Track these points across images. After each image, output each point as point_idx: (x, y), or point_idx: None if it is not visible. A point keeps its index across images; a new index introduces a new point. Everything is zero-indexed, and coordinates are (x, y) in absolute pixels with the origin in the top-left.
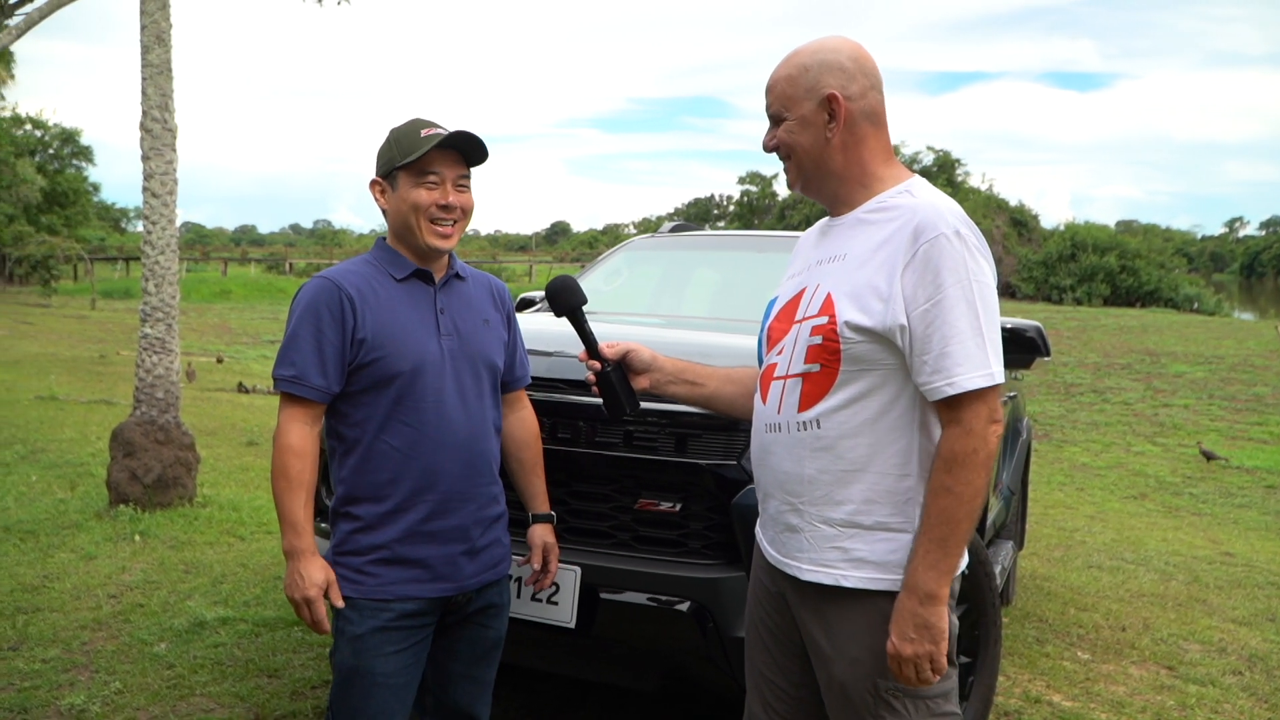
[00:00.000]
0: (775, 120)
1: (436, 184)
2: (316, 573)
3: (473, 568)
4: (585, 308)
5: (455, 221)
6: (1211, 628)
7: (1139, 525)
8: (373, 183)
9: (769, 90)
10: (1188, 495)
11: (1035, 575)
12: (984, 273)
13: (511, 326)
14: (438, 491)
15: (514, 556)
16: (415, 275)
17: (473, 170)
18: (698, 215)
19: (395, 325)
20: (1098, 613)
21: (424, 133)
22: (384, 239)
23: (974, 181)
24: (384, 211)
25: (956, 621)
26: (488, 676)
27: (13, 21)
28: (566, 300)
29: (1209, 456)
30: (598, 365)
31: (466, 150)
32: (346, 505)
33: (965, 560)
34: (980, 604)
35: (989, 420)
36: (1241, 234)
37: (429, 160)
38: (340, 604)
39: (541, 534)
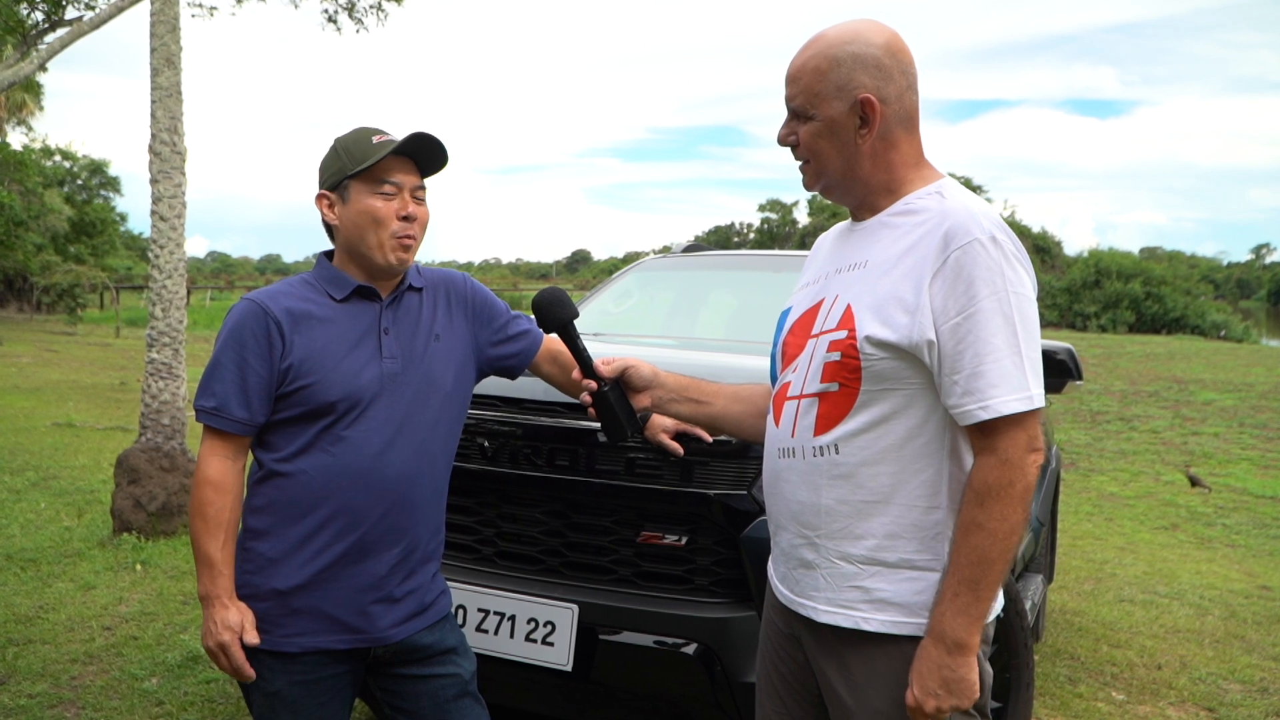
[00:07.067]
0: (797, 115)
1: (393, 194)
2: (232, 615)
3: (391, 618)
4: (594, 329)
5: (413, 236)
6: (1251, 666)
7: (1171, 557)
8: (319, 197)
9: (792, 80)
10: (1220, 526)
11: (1065, 610)
12: (1023, 284)
13: (478, 315)
14: (354, 533)
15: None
16: (357, 294)
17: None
18: (718, 243)
19: (327, 351)
20: (1131, 650)
21: (375, 139)
22: (325, 255)
23: (995, 209)
24: (331, 228)
25: (990, 670)
26: None
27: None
28: (556, 314)
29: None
30: (593, 384)
31: (422, 159)
32: (251, 539)
33: (1000, 604)
34: (1012, 645)
35: (1028, 449)
36: (1268, 260)
37: (385, 168)
38: (255, 640)
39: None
